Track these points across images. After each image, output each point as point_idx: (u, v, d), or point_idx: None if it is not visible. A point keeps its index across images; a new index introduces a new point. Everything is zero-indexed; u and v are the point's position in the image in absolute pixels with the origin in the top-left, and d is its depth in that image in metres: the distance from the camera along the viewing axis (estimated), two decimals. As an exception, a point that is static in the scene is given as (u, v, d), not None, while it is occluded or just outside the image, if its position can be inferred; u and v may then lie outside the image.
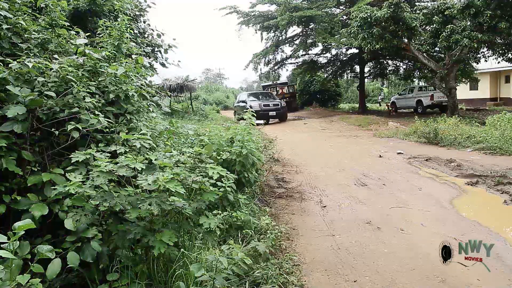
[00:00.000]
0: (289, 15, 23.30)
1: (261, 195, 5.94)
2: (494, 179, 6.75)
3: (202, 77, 77.47)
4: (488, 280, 3.52)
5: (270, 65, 30.23)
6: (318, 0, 25.83)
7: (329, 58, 30.21)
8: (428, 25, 18.43)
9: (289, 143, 12.31)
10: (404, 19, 16.10)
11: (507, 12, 15.00)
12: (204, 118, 20.21)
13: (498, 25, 14.82)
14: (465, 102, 25.98)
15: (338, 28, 23.04)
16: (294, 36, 28.51)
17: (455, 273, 3.62)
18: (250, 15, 27.55)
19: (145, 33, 9.54)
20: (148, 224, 2.74)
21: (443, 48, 16.89)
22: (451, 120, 12.33)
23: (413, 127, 12.69)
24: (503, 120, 10.72)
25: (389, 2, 16.00)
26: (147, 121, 4.35)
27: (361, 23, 16.69)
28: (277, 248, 3.95)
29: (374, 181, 7.11)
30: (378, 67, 28.74)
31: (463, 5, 15.53)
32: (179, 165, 3.35)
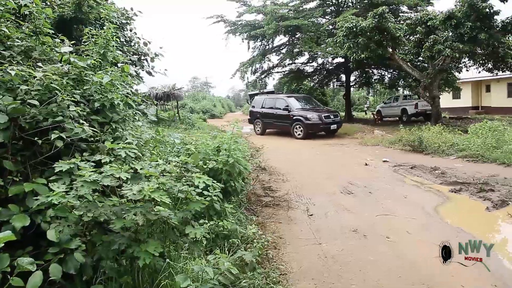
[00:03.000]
0: (276, 24, 23.50)
1: (247, 204, 5.93)
2: (476, 186, 6.87)
3: (189, 85, 77.38)
4: (473, 286, 3.56)
5: (257, 74, 30.35)
6: (304, 10, 26.14)
7: (316, 67, 30.48)
8: (411, 35, 18.83)
9: (276, 152, 12.34)
10: (389, 29, 16.40)
11: (486, 24, 15.44)
12: (190, 127, 20.09)
13: (478, 36, 15.23)
14: (448, 111, 26.47)
15: (324, 37, 23.31)
16: (280, 45, 28.73)
17: (441, 280, 3.65)
18: (237, 24, 27.68)
19: (132, 41, 9.51)
20: (133, 234, 2.70)
21: (427, 57, 17.24)
22: (435, 128, 12.54)
23: (398, 135, 12.88)
24: (484, 128, 10.95)
25: (373, 13, 16.30)
26: (133, 130, 4.31)
27: (347, 33, 16.94)
28: (264, 257, 3.94)
29: (360, 189, 7.16)
30: (364, 76, 29.10)
31: (444, 16, 15.94)
32: (165, 174, 3.32)
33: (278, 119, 17.83)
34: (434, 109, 18.33)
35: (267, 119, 18.54)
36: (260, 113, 19.08)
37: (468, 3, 15.16)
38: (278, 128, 18.38)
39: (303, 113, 17.01)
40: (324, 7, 26.64)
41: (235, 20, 27.57)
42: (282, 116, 17.54)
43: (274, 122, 18.20)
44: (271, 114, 18.29)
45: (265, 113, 18.78)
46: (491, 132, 10.55)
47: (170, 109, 26.95)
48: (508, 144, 9.61)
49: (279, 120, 17.81)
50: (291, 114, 17.03)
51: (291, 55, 26.84)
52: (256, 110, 19.68)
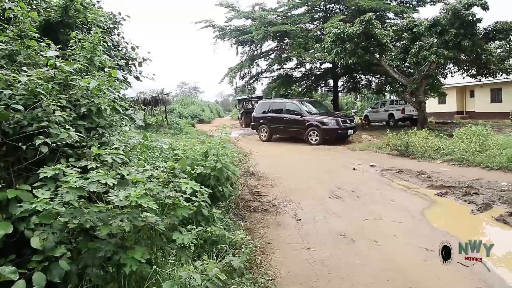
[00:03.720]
0: (264, 29, 23.63)
1: (236, 209, 5.91)
2: (462, 190, 6.98)
3: (177, 90, 77.12)
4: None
5: (245, 79, 30.46)
6: (292, 16, 26.36)
7: (304, 72, 30.71)
8: (398, 41, 19.13)
9: (265, 157, 12.35)
10: (375, 35, 16.62)
11: (469, 31, 15.79)
12: (179, 132, 19.99)
13: (462, 43, 15.56)
14: (434, 116, 26.88)
15: (312, 43, 23.52)
16: (269, 50, 28.89)
17: (427, 283, 3.69)
18: (226, 29, 27.77)
19: (119, 46, 9.43)
20: (120, 241, 2.67)
21: (413, 63, 17.51)
22: (421, 133, 12.70)
23: (385, 140, 13.01)
24: (469, 133, 11.14)
25: (361, 19, 16.51)
26: (120, 135, 4.27)
27: (334, 38, 17.12)
28: (252, 262, 3.92)
29: (348, 194, 7.20)
30: (351, 81, 29.41)
31: (430, 23, 16.24)
32: (152, 180, 3.30)
33: (289, 124, 16.94)
34: (420, 114, 18.60)
35: (275, 125, 17.66)
36: (266, 118, 18.09)
37: (452, 11, 15.48)
38: (288, 134, 17.50)
39: (319, 117, 16.32)
40: (312, 13, 26.90)
41: (224, 25, 27.67)
42: (293, 121, 16.70)
43: (284, 127, 17.28)
44: (280, 119, 17.36)
45: (272, 118, 17.82)
46: (475, 137, 10.73)
47: (158, 114, 26.80)
48: (491, 148, 9.78)
49: (290, 125, 16.97)
50: (304, 119, 16.31)
51: (280, 60, 27.01)
52: (260, 115, 18.64)
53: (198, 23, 27.29)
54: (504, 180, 7.55)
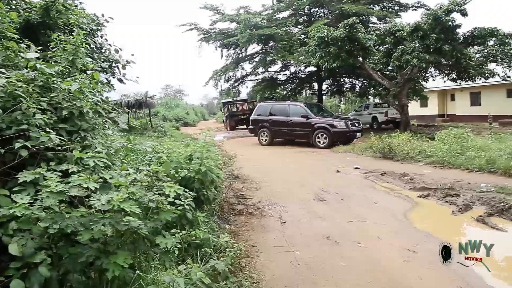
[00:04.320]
0: (249, 33, 23.70)
1: (220, 212, 5.90)
2: (443, 192, 7.10)
3: (161, 93, 76.58)
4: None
5: (230, 82, 30.48)
6: (277, 19, 26.52)
7: (288, 75, 30.90)
8: (381, 45, 19.42)
9: (250, 160, 12.36)
10: (359, 39, 16.85)
11: (449, 36, 16.18)
12: (163, 135, 19.83)
13: (443, 47, 15.92)
14: (416, 119, 27.39)
15: (296, 46, 23.69)
16: (254, 53, 28.97)
17: (410, 284, 3.74)
18: (211, 32, 27.75)
19: (102, 48, 9.33)
20: (102, 245, 2.63)
21: (395, 67, 17.82)
22: (404, 136, 12.89)
23: (369, 143, 13.16)
24: (449, 135, 11.37)
25: (344, 23, 16.71)
26: (103, 138, 4.22)
27: (319, 42, 17.28)
28: (236, 266, 3.92)
29: (333, 196, 7.26)
30: (336, 84, 29.74)
31: (411, 28, 16.56)
32: (136, 183, 3.26)
33: (294, 127, 16.55)
34: (403, 117, 18.92)
35: (278, 128, 17.18)
36: (267, 121, 17.52)
37: (433, 16, 15.82)
38: (292, 137, 17.16)
39: (328, 120, 16.19)
40: (297, 17, 27.14)
41: (209, 28, 27.66)
42: (299, 124, 16.36)
43: (288, 130, 16.84)
44: (284, 122, 16.89)
45: (274, 121, 17.29)
46: (456, 139, 10.96)
47: (142, 117, 26.56)
48: (471, 150, 9.99)
49: (295, 128, 16.59)
50: (311, 121, 16.00)
51: (264, 63, 27.13)
52: (260, 118, 18.00)
53: (182, 25, 27.24)
54: (483, 182, 7.73)
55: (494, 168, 8.63)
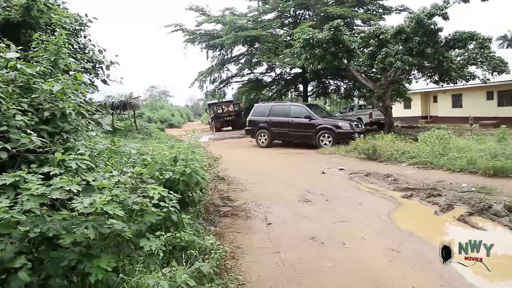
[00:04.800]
0: (235, 34, 23.72)
1: (206, 214, 5.87)
2: (426, 192, 7.22)
3: (146, 94, 75.92)
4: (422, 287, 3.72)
5: (215, 83, 30.46)
6: (263, 21, 26.62)
7: (274, 77, 31.05)
8: (365, 47, 19.65)
9: (235, 161, 12.34)
10: (344, 41, 17.00)
11: (431, 39, 16.49)
12: (148, 137, 19.64)
13: (425, 50, 16.20)
14: (400, 120, 27.78)
15: (282, 48, 23.81)
16: (239, 55, 29.02)
17: (394, 284, 3.78)
18: (196, 34, 27.68)
19: (86, 48, 9.19)
20: (85, 249, 2.59)
21: (379, 69, 18.06)
22: (388, 137, 13.07)
23: (354, 144, 13.29)
24: (432, 136, 11.57)
25: (329, 25, 16.85)
26: (86, 140, 4.15)
27: (304, 44, 17.37)
28: (222, 268, 3.90)
29: (318, 197, 7.30)
30: (321, 86, 29.98)
31: (395, 31, 16.81)
32: (119, 186, 3.22)
33: (296, 128, 16.30)
34: (387, 118, 19.16)
35: (279, 129, 16.79)
36: (267, 122, 17.07)
37: (416, 20, 16.10)
38: (294, 138, 16.80)
39: (332, 121, 16.20)
40: (282, 19, 27.27)
41: (194, 29, 27.59)
42: (302, 125, 16.11)
43: (290, 131, 16.53)
44: (285, 123, 16.54)
45: (274, 122, 16.87)
46: (439, 140, 11.16)
47: (127, 118, 26.25)
48: (453, 151, 10.19)
49: (297, 129, 16.32)
50: (315, 122, 15.82)
51: (250, 65, 27.19)
52: (258, 119, 17.49)
53: (167, 26, 27.09)
54: (464, 182, 7.89)
55: (475, 169, 8.82)
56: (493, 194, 6.87)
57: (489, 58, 17.10)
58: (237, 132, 27.42)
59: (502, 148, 9.62)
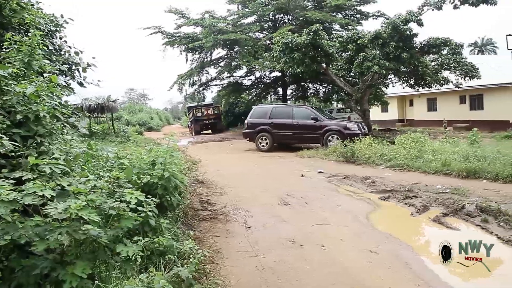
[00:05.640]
0: (214, 37, 23.65)
1: (184, 218, 5.81)
2: (402, 194, 7.35)
3: (125, 97, 74.95)
4: (399, 287, 3.78)
5: (195, 86, 30.27)
6: (242, 24, 26.65)
7: (253, 80, 31.10)
8: (343, 52, 19.90)
9: (215, 165, 12.29)
10: (322, 45, 17.19)
11: (407, 45, 16.86)
12: (126, 140, 19.34)
13: (401, 55, 16.56)
14: (377, 123, 28.26)
15: (261, 52, 23.89)
16: (219, 58, 28.95)
17: (372, 284, 3.84)
18: (175, 36, 27.45)
19: (62, 50, 8.96)
20: (59, 256, 2.52)
21: (357, 73, 18.31)
22: (365, 140, 13.23)
23: (333, 147, 13.43)
24: (408, 139, 11.81)
25: (308, 30, 17.01)
26: (61, 144, 4.06)
27: (283, 48, 17.47)
28: (201, 272, 3.86)
29: (297, 200, 7.34)
30: (300, 89, 30.18)
31: (372, 36, 17.12)
32: (96, 190, 3.16)
33: (301, 130, 15.93)
34: (365, 121, 19.44)
35: (282, 131, 16.31)
36: (269, 124, 16.52)
37: (392, 25, 16.45)
38: (299, 140, 16.42)
39: (341, 122, 16.15)
40: (262, 23, 27.39)
41: (173, 32, 27.36)
42: (308, 127, 15.79)
43: (294, 133, 16.08)
44: (290, 125, 16.13)
45: (277, 124, 16.37)
46: (414, 143, 11.40)
47: (104, 121, 25.77)
48: (428, 154, 10.43)
49: (302, 131, 15.95)
50: (322, 124, 15.57)
51: (229, 68, 27.16)
52: (259, 121, 16.85)
53: (146, 28, 26.77)
54: (439, 183, 8.09)
55: (449, 171, 9.06)
56: (466, 195, 7.07)
57: (461, 64, 17.67)
58: (217, 136, 27.35)
59: (474, 151, 9.92)
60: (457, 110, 25.54)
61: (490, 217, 5.64)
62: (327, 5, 24.04)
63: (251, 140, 17.31)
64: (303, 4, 26.14)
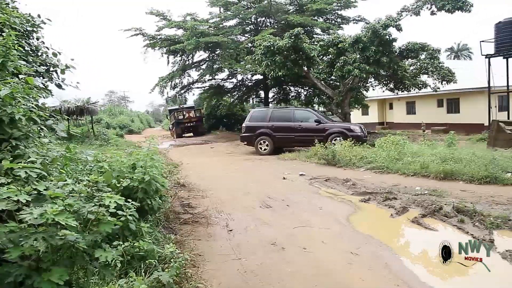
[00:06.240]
0: (196, 40, 23.55)
1: (166, 222, 5.74)
2: (382, 196, 7.46)
3: (105, 99, 73.80)
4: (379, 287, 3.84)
5: (176, 89, 30.05)
6: (224, 27, 26.64)
7: (235, 83, 31.10)
8: (325, 55, 20.15)
9: (196, 168, 12.22)
10: (304, 49, 17.34)
11: (386, 49, 17.21)
12: (106, 143, 19.02)
13: (381, 59, 16.88)
14: (358, 126, 28.61)
15: (243, 54, 23.92)
16: (200, 61, 28.82)
17: (353, 285, 3.88)
18: (157, 38, 27.20)
19: (39, 51, 8.76)
20: (34, 263, 2.45)
21: (338, 77, 18.56)
22: (346, 143, 13.40)
23: (314, 150, 13.53)
24: (388, 142, 12.01)
25: (290, 33, 17.14)
26: (38, 147, 3.96)
27: (265, 51, 17.54)
28: (182, 276, 3.82)
29: (279, 203, 7.36)
30: (282, 92, 30.32)
31: (353, 40, 17.40)
32: (74, 194, 3.09)
33: (305, 133, 15.60)
34: (346, 125, 19.68)
35: (283, 134, 16.08)
36: (270, 127, 16.29)
37: (372, 30, 16.74)
38: (301, 143, 15.95)
39: (344, 125, 16.22)
40: (244, 26, 27.44)
41: (154, 34, 27.10)
42: (310, 130, 15.59)
43: (296, 136, 15.82)
44: (291, 128, 15.96)
45: (278, 127, 16.19)
46: (394, 146, 11.60)
47: (84, 124, 25.28)
48: (407, 156, 10.63)
49: (306, 134, 15.60)
50: (325, 126, 15.50)
51: (211, 71, 27.05)
52: (258, 124, 16.56)
53: (127, 30, 26.44)
54: (418, 185, 8.25)
55: (427, 172, 9.25)
56: (443, 196, 7.24)
57: (439, 68, 18.13)
58: (198, 139, 27.22)
59: (451, 153, 10.16)
60: (435, 113, 26.15)
61: (466, 218, 5.79)
62: (308, 9, 24.28)
63: (249, 144, 17.05)
64: (285, 8, 26.32)
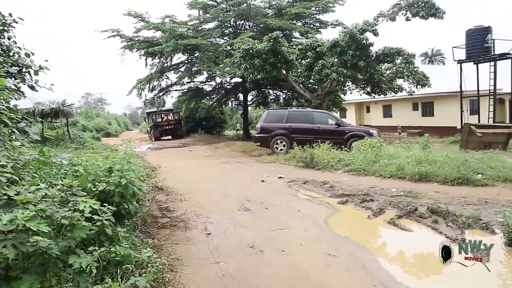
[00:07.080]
0: (175, 42, 23.35)
1: (143, 226, 5.66)
2: (360, 198, 7.58)
3: (81, 101, 72.34)
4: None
5: (155, 92, 29.67)
6: (203, 30, 26.52)
7: (214, 86, 30.97)
8: (303, 59, 20.36)
9: (174, 171, 12.11)
10: (282, 52, 17.48)
11: (363, 53, 17.56)
12: (82, 146, 18.60)
13: (358, 63, 17.19)
14: (336, 129, 29.02)
15: (222, 57, 23.87)
16: (179, 63, 28.59)
17: (330, 286, 3.92)
18: (134, 40, 26.82)
19: (10, 51, 8.50)
20: (3, 271, 2.37)
21: (316, 80, 18.77)
22: (324, 145, 13.55)
23: (292, 153, 13.63)
24: (365, 145, 12.23)
25: (269, 36, 17.25)
26: (9, 150, 3.83)
27: (244, 54, 17.59)
28: (160, 281, 3.77)
29: (257, 206, 7.37)
30: (260, 95, 30.44)
31: (330, 44, 17.66)
32: (47, 199, 3.01)
33: (324, 135, 15.41)
34: (324, 127, 19.90)
35: (301, 136, 15.82)
36: (287, 128, 16.23)
37: (349, 34, 17.04)
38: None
39: (362, 128, 17.16)
40: (223, 29, 27.39)
41: (132, 36, 26.71)
42: (329, 132, 15.62)
43: (315, 138, 15.23)
44: (311, 129, 15.86)
45: (297, 129, 16.11)
46: (371, 148, 11.81)
47: (59, 127, 24.63)
48: (384, 158, 10.84)
49: (324, 136, 15.34)
50: (345, 129, 15.65)
51: (190, 73, 26.87)
52: (274, 125, 16.49)
53: (104, 31, 25.95)
54: (394, 187, 8.43)
55: (403, 174, 9.46)
56: (418, 197, 7.42)
57: (414, 72, 18.62)
58: (177, 142, 26.95)
59: (426, 155, 10.43)
60: (411, 116, 26.81)
61: (440, 218, 5.95)
62: (287, 13, 24.47)
63: (263, 145, 16.88)
64: (264, 11, 26.44)
